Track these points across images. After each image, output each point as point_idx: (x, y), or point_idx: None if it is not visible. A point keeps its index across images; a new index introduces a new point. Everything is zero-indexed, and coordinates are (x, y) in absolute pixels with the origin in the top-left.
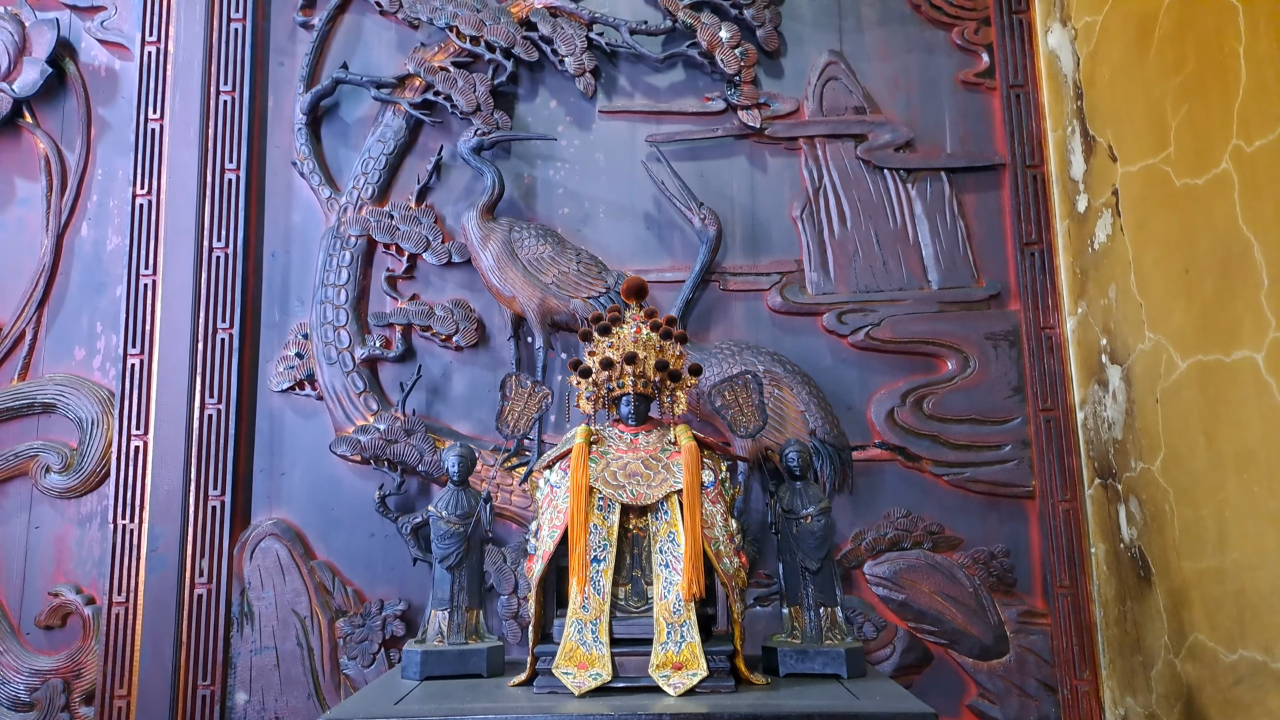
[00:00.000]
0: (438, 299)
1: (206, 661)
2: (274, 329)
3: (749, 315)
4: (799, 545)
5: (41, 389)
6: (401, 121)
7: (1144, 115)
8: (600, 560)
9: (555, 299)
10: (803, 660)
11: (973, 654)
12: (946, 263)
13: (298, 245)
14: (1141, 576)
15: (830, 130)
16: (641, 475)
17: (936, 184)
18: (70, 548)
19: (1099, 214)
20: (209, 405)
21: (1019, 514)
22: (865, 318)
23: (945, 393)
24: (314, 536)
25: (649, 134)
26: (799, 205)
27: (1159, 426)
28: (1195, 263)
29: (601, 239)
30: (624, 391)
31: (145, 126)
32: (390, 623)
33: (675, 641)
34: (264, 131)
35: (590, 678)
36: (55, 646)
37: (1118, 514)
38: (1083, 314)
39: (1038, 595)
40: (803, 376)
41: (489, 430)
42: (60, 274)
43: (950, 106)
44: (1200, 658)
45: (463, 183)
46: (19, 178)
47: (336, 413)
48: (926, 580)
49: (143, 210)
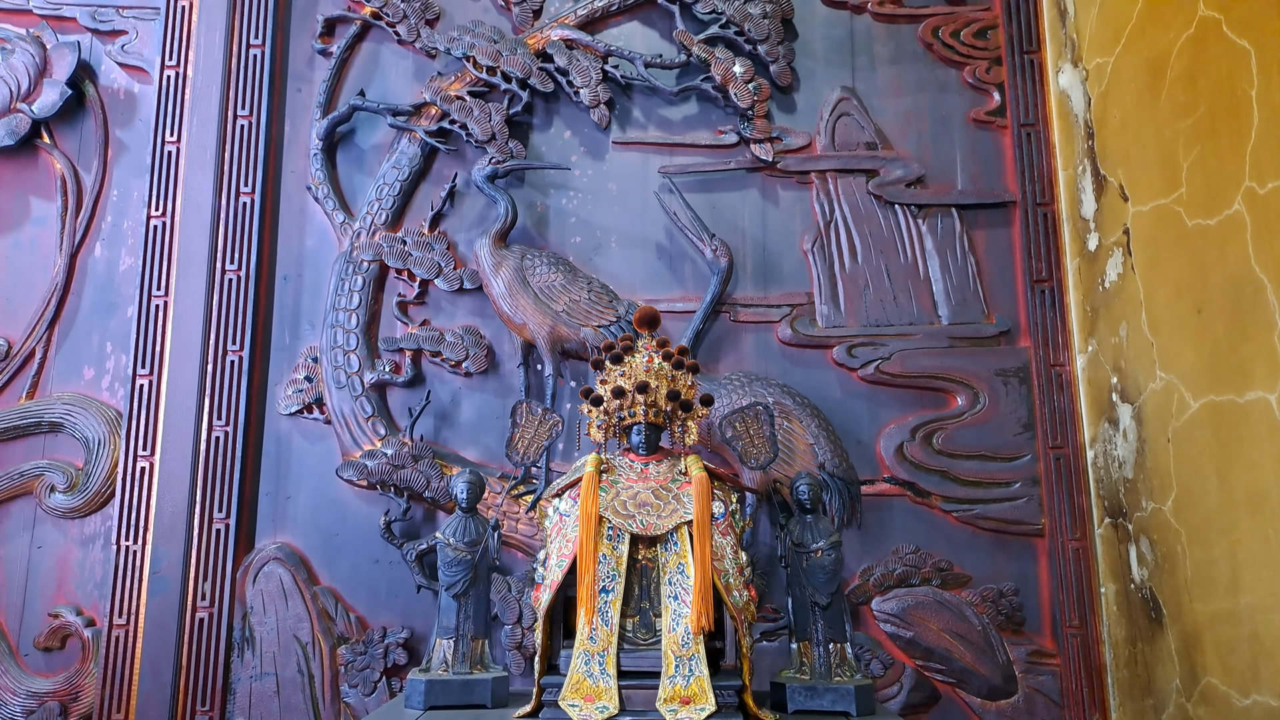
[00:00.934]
0: (448, 325)
1: (206, 686)
2: (284, 352)
3: (759, 347)
4: (809, 579)
5: (49, 408)
6: (417, 149)
7: (1156, 156)
8: (609, 591)
9: (566, 327)
10: (811, 697)
11: (981, 694)
12: (957, 298)
13: (310, 269)
14: (1152, 618)
15: (842, 165)
16: (651, 505)
17: (947, 220)
18: (72, 568)
19: (1110, 252)
20: (217, 427)
21: (1028, 552)
22: (875, 351)
23: (955, 428)
24: (318, 561)
25: (662, 165)
26: (810, 238)
27: (1170, 466)
28: (1207, 303)
29: (613, 268)
30: (635, 420)
31: (162, 149)
32: (393, 651)
33: (684, 675)
34: (280, 156)
35: (597, 710)
36: (53, 669)
37: (1128, 554)
38: (1093, 352)
39: (1047, 635)
40: (812, 409)
41: (496, 457)
42: (72, 293)
43: (961, 144)
44: (1213, 702)
45: (476, 210)
46: (35, 197)
47: (344, 437)
48: (935, 618)
49: (156, 232)
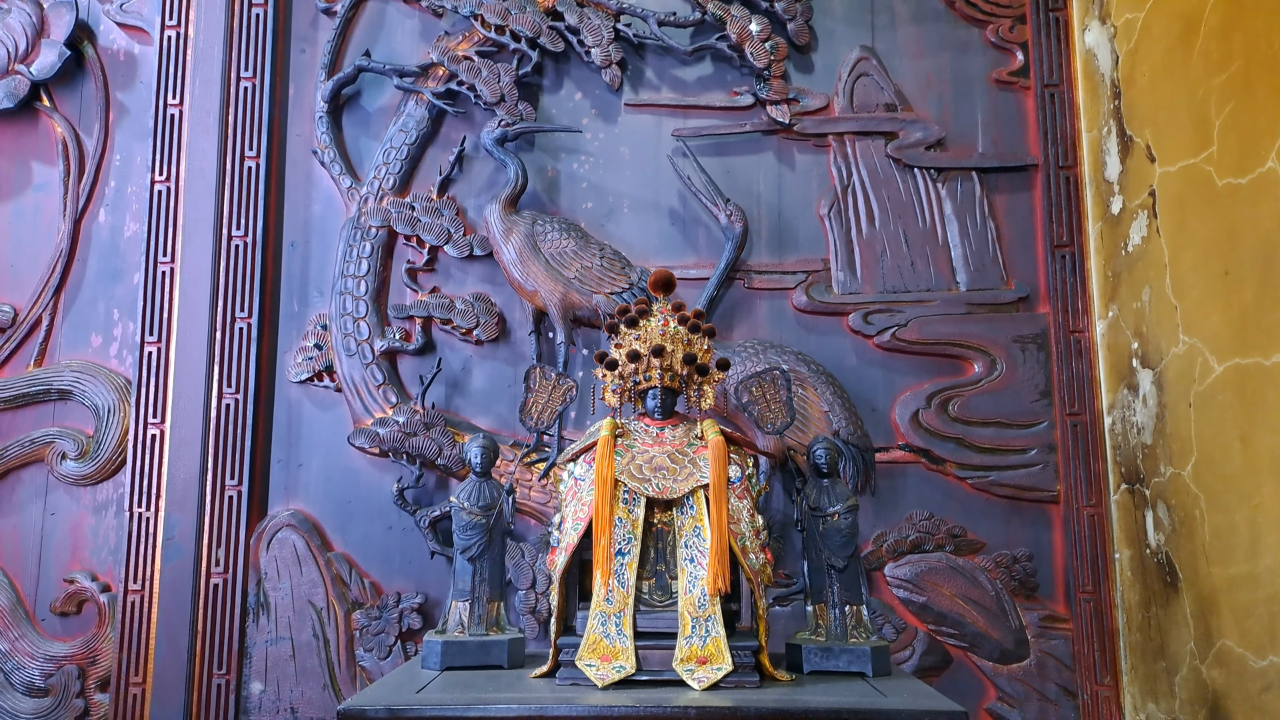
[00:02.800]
0: (458, 292)
1: (222, 651)
2: (292, 320)
3: (773, 314)
4: (825, 543)
5: (58, 375)
6: (424, 111)
7: (1186, 114)
8: (624, 554)
9: (578, 294)
10: (827, 658)
11: (993, 658)
12: (976, 264)
13: (317, 235)
14: (1168, 582)
15: (860, 127)
16: (667, 469)
17: (967, 184)
18: (86, 535)
19: (1134, 216)
20: (227, 395)
21: (1043, 519)
22: (892, 318)
23: (971, 395)
24: (331, 528)
25: (675, 128)
26: (827, 203)
27: (1191, 431)
28: (1236, 264)
29: (625, 234)
30: (651, 385)
31: (164, 112)
32: (407, 615)
33: (700, 636)
34: (284, 119)
35: (614, 670)
36: (70, 633)
37: (1144, 519)
38: (1113, 317)
39: (1060, 600)
40: (827, 377)
41: (508, 425)
42: (77, 260)
43: (983, 105)
44: (1228, 664)
45: (485, 175)
46: (36, 162)
47: (355, 405)
48: (948, 583)
49: (161, 197)
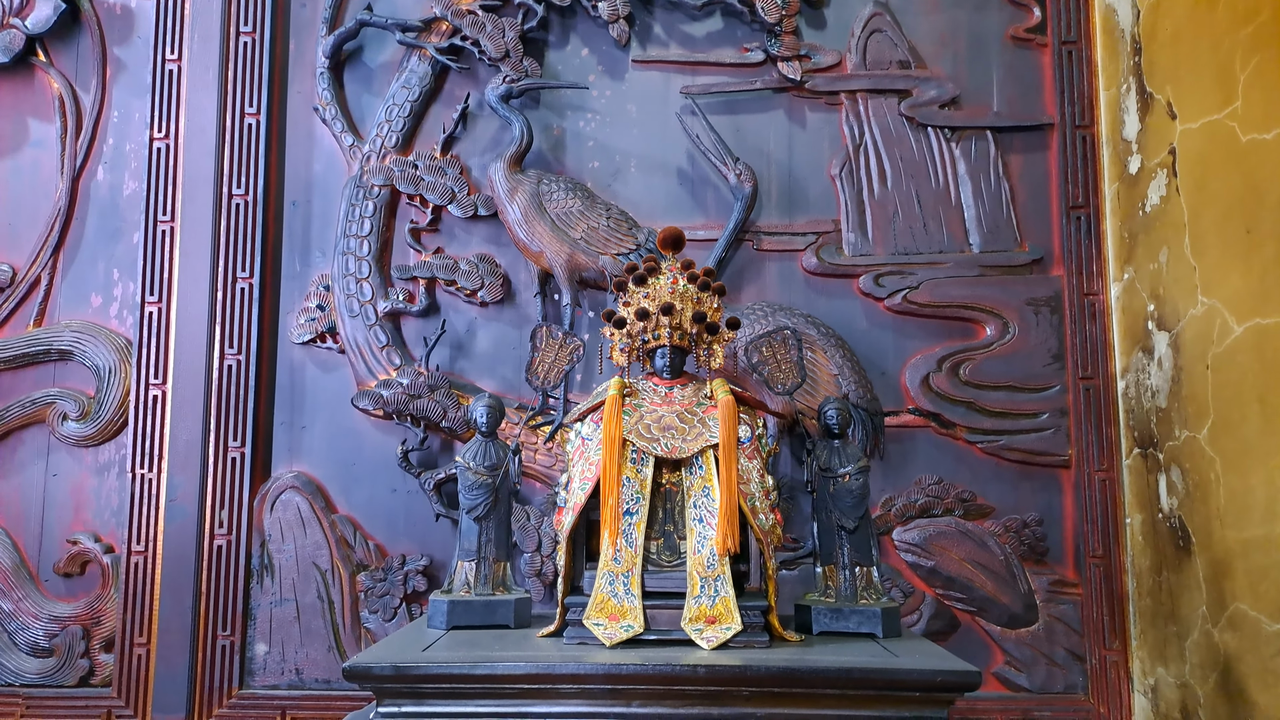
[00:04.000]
0: (462, 253)
1: (226, 612)
2: (294, 280)
3: (783, 276)
4: (836, 504)
5: (58, 336)
6: (427, 67)
7: (1210, 68)
8: (633, 513)
9: (584, 255)
10: (837, 619)
11: (1001, 622)
12: (989, 225)
13: (319, 194)
14: (1180, 546)
15: (873, 85)
16: (676, 429)
17: (982, 144)
18: (88, 496)
19: (1152, 175)
20: (228, 356)
21: (1053, 483)
22: (903, 280)
23: (983, 359)
24: (335, 490)
25: (684, 85)
26: (838, 163)
27: (1208, 393)
28: (1259, 222)
29: (632, 194)
30: (659, 344)
31: (162, 68)
32: (412, 577)
33: (709, 595)
34: (285, 75)
35: (622, 629)
36: (74, 594)
37: (1157, 484)
38: (1129, 279)
39: (1069, 565)
40: (836, 339)
41: (514, 388)
42: (76, 219)
43: (999, 63)
44: (1241, 627)
45: (490, 133)
46: (33, 118)
47: (358, 366)
48: (956, 547)
49: (160, 155)
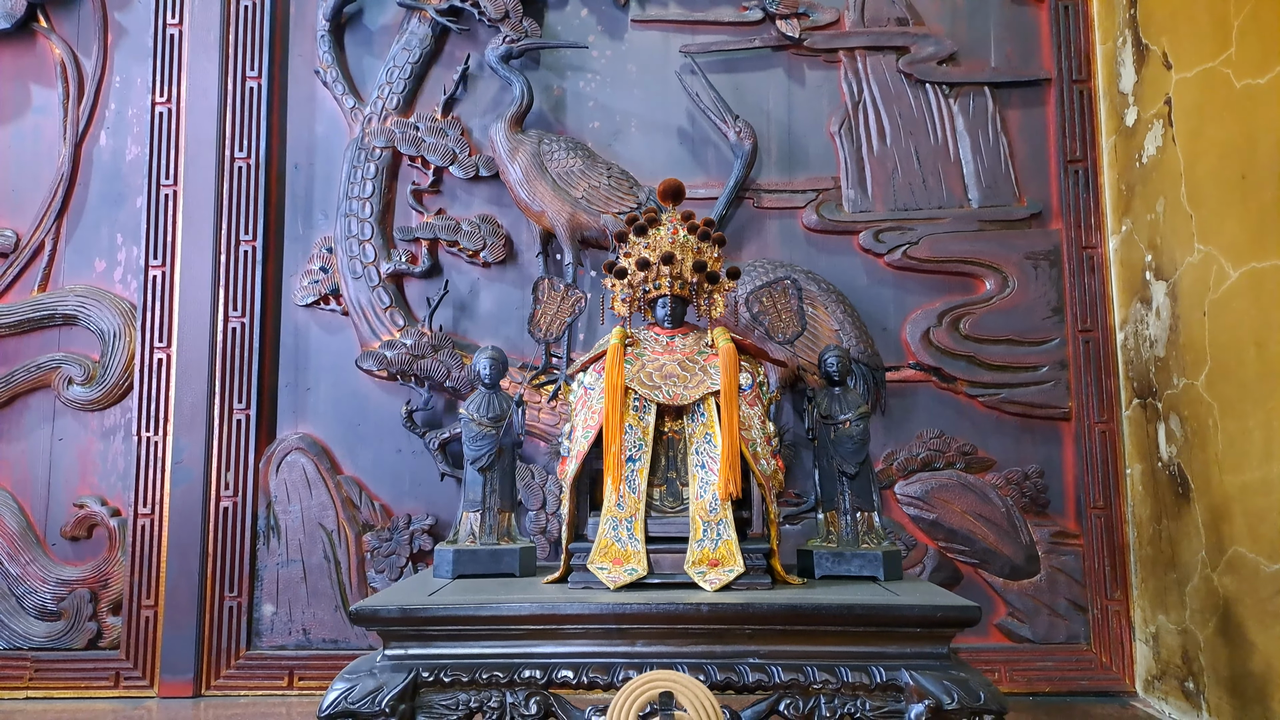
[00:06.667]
0: (464, 214)
1: (233, 574)
2: (298, 242)
3: (783, 233)
4: (837, 450)
5: (62, 300)
6: (427, 29)
7: (1205, 15)
8: (635, 460)
9: (585, 214)
10: (839, 563)
11: (1003, 574)
12: (988, 180)
13: (321, 157)
14: (1179, 494)
15: (871, 42)
16: (678, 377)
17: (980, 99)
18: (94, 460)
19: (1149, 126)
20: (232, 319)
21: (1054, 435)
22: (903, 236)
23: (983, 313)
24: (340, 451)
25: (683, 44)
26: (837, 120)
27: (1205, 340)
28: (1254, 168)
29: (633, 153)
30: (660, 293)
31: (164, 32)
32: (418, 537)
33: (711, 539)
34: (286, 38)
35: (626, 573)
36: (81, 557)
37: (1156, 433)
38: (1127, 231)
39: (1070, 516)
40: (837, 295)
41: (517, 347)
42: (79, 184)
43: (996, 19)
44: (1239, 570)
45: (490, 94)
46: (35, 84)
47: (362, 328)
48: (958, 500)
49: (162, 119)
